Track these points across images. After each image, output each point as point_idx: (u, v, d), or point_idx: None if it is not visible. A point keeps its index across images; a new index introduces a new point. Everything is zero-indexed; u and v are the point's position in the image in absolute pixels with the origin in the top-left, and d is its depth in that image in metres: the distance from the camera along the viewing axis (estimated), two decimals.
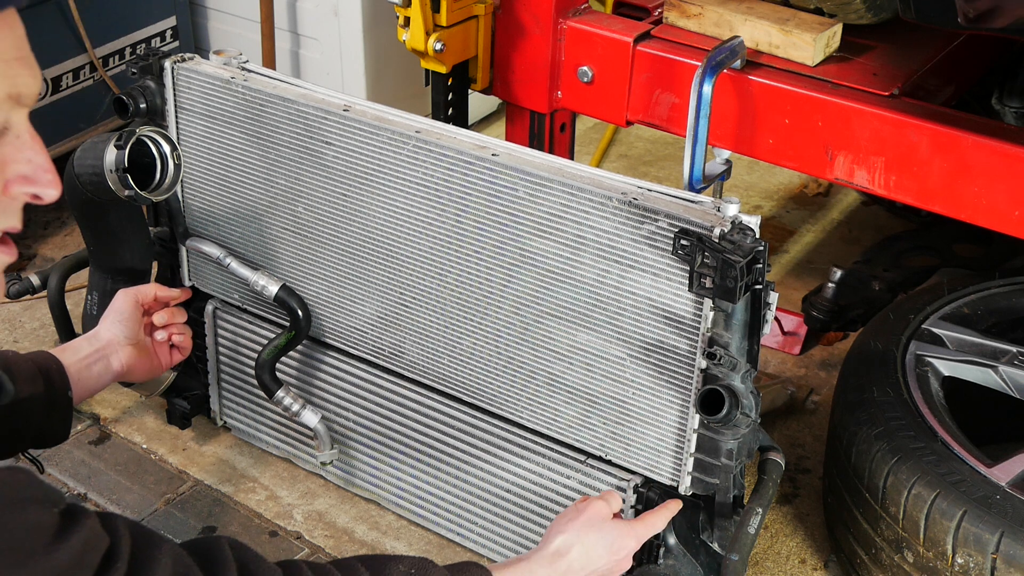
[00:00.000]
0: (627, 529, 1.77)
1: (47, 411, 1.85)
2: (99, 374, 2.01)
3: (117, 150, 1.95)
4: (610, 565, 1.74)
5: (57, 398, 1.88)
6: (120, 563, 1.26)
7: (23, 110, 1.16)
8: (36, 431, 1.85)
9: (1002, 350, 2.13)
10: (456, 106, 2.50)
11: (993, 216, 2.00)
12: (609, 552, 1.73)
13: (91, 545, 1.24)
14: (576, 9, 2.37)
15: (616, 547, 1.74)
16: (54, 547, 1.20)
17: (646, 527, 1.80)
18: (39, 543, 1.20)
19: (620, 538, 1.75)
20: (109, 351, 2.03)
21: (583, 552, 1.71)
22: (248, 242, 2.21)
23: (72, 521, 1.24)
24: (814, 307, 2.58)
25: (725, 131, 2.23)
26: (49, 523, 1.22)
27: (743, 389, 1.76)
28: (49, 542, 1.20)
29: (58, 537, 1.21)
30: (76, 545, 1.22)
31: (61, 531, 1.22)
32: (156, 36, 3.24)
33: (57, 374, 1.89)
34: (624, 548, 1.75)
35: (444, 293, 1.99)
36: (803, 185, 3.42)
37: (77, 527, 1.23)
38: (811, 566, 2.20)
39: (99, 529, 1.26)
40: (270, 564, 1.43)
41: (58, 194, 1.20)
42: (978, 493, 1.85)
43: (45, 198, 1.20)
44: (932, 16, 1.88)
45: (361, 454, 2.26)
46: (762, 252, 1.68)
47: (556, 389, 1.94)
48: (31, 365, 1.85)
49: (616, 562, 1.74)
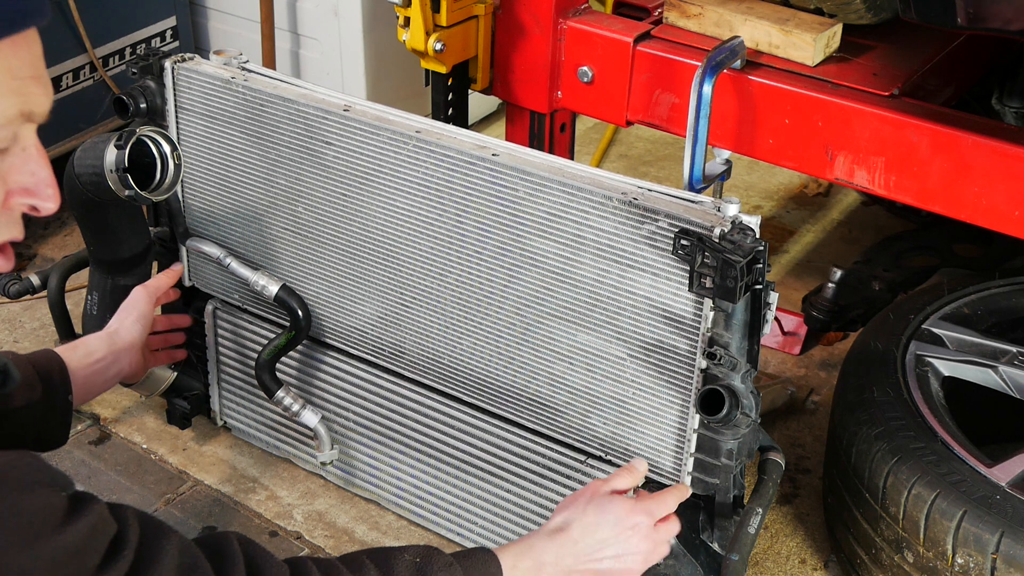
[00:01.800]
0: (633, 504, 1.70)
1: (45, 416, 1.84)
2: (108, 378, 2.01)
3: (117, 150, 1.95)
4: (626, 543, 1.67)
5: (56, 403, 1.86)
6: (127, 550, 1.27)
7: (32, 125, 1.18)
8: (35, 436, 1.84)
9: (1002, 350, 2.13)
10: (456, 106, 2.50)
11: (993, 216, 2.00)
12: (616, 528, 1.67)
13: (99, 530, 1.25)
14: (576, 9, 2.37)
15: (624, 523, 1.67)
16: (63, 529, 1.21)
17: (656, 503, 1.73)
18: (48, 525, 1.21)
19: (627, 514, 1.68)
20: (123, 354, 2.03)
21: (583, 528, 1.66)
22: (248, 242, 2.21)
23: (81, 505, 1.25)
24: (814, 307, 2.58)
25: (725, 131, 2.23)
26: (58, 505, 1.23)
27: (743, 389, 1.76)
28: (58, 524, 1.21)
29: (67, 520, 1.22)
30: (84, 529, 1.23)
31: (70, 514, 1.23)
32: (156, 36, 3.24)
33: (59, 377, 1.87)
34: (634, 523, 1.68)
35: (444, 293, 1.99)
36: (803, 185, 3.42)
37: (86, 511, 1.24)
38: (811, 566, 2.20)
39: (107, 515, 1.27)
40: (277, 560, 1.43)
41: (56, 207, 1.23)
42: (978, 493, 1.85)
43: (43, 211, 1.23)
44: (932, 16, 1.88)
45: (361, 454, 2.26)
46: (762, 252, 1.68)
47: (556, 389, 1.94)
48: (30, 370, 1.82)
49: (629, 540, 1.67)
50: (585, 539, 1.66)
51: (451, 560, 1.56)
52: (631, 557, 1.68)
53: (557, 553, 1.64)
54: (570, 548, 1.65)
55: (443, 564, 1.54)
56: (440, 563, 1.54)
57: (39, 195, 1.21)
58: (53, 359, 1.89)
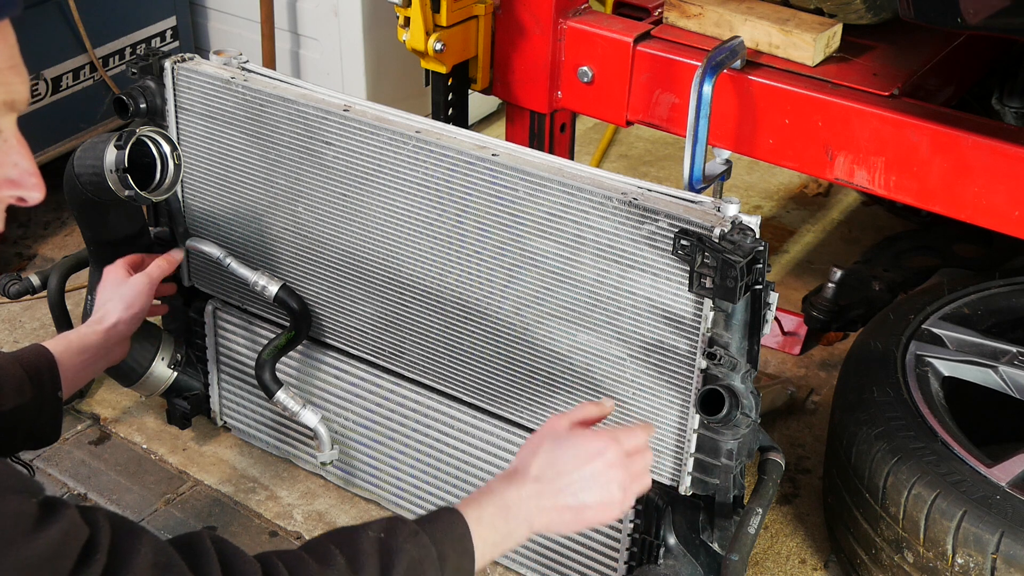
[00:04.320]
0: (593, 432, 1.58)
1: (35, 416, 1.82)
2: (98, 368, 2.01)
3: (117, 150, 1.95)
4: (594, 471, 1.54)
5: (46, 401, 1.84)
6: (100, 554, 1.25)
7: (13, 115, 1.19)
8: (26, 435, 1.83)
9: (1002, 350, 2.13)
10: (456, 106, 2.50)
11: (993, 216, 2.00)
12: (577, 458, 1.54)
13: (71, 535, 1.24)
14: (576, 9, 2.37)
15: (585, 450, 1.55)
16: (33, 536, 1.20)
17: (623, 431, 1.60)
18: (18, 531, 1.19)
19: (587, 441, 1.56)
20: (116, 347, 2.03)
21: (541, 464, 1.54)
22: (248, 242, 2.21)
23: (51, 511, 1.23)
24: (814, 307, 2.58)
25: (725, 131, 2.23)
26: (28, 512, 1.21)
27: (743, 389, 1.76)
28: (28, 531, 1.20)
29: (37, 526, 1.21)
30: (55, 535, 1.21)
31: (40, 520, 1.22)
32: (156, 36, 3.24)
33: (48, 375, 1.85)
34: (596, 450, 1.55)
35: (444, 293, 1.99)
36: (803, 185, 3.42)
37: (57, 517, 1.23)
38: (811, 566, 2.20)
39: (79, 520, 1.26)
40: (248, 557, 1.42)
41: (42, 197, 1.23)
42: (978, 493, 1.84)
43: (30, 200, 1.23)
44: (932, 16, 1.88)
45: (361, 454, 2.26)
46: (762, 252, 1.68)
47: (556, 389, 1.94)
48: (19, 372, 1.80)
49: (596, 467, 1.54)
50: (545, 473, 1.54)
51: (416, 528, 1.47)
52: (606, 487, 1.55)
53: (518, 493, 1.53)
54: (532, 487, 1.53)
55: (409, 533, 1.45)
56: (405, 533, 1.45)
57: (24, 185, 1.21)
58: (43, 356, 1.87)
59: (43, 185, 1.22)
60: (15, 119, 1.20)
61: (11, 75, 1.16)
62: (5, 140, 1.19)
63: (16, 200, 1.23)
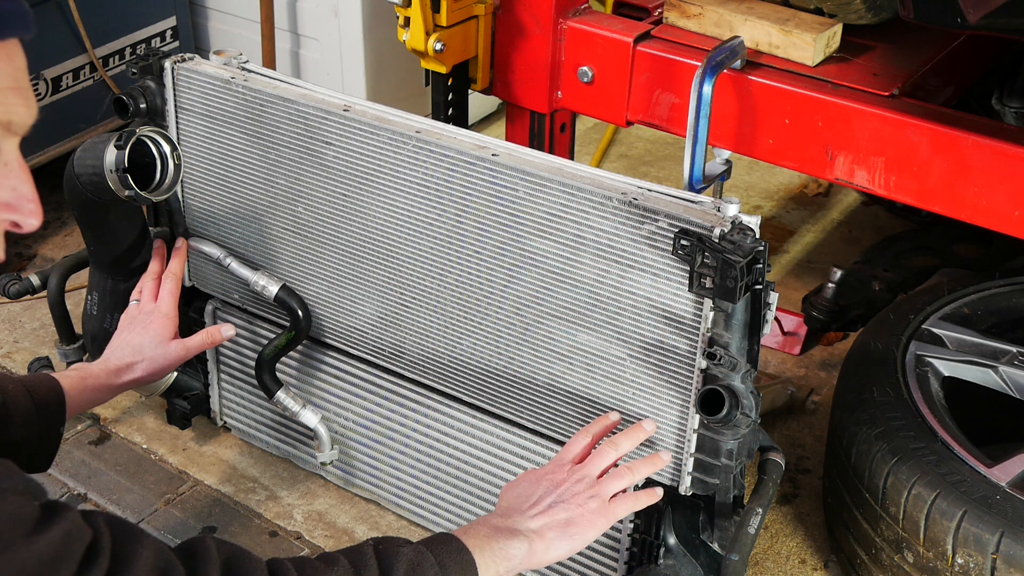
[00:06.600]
0: (555, 458, 1.76)
1: (34, 448, 1.81)
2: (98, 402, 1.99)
3: (117, 150, 1.94)
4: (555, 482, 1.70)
5: (47, 436, 1.82)
6: (102, 558, 1.25)
7: (14, 139, 1.17)
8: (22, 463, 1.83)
9: (1002, 350, 2.13)
10: (456, 106, 2.50)
11: (993, 216, 2.00)
12: (532, 482, 1.71)
13: (73, 537, 1.24)
14: (576, 9, 2.37)
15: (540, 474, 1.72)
16: (34, 537, 1.20)
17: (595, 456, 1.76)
18: (19, 533, 1.19)
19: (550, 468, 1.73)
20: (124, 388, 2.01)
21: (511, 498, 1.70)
22: (248, 242, 2.21)
23: (53, 513, 1.23)
24: (814, 307, 2.58)
25: (725, 131, 2.23)
26: (30, 514, 1.21)
27: (743, 389, 1.76)
28: (30, 532, 1.20)
29: (39, 528, 1.21)
30: (57, 537, 1.21)
31: (42, 522, 1.22)
32: (156, 36, 3.24)
33: (55, 410, 1.83)
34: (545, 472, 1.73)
35: (444, 293, 1.99)
36: (803, 185, 3.42)
37: (58, 519, 1.23)
38: (811, 566, 2.20)
39: (81, 523, 1.26)
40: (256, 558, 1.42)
41: (39, 224, 1.21)
42: (978, 493, 1.85)
43: (25, 227, 1.20)
44: (932, 16, 1.88)
45: (361, 454, 2.26)
46: (762, 252, 1.68)
47: (556, 389, 1.94)
48: (29, 404, 1.78)
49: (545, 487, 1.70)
50: (516, 504, 1.69)
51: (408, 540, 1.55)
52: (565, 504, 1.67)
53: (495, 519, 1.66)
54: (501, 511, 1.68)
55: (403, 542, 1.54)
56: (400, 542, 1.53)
57: (20, 211, 1.18)
58: (53, 391, 1.85)
59: (40, 212, 1.19)
60: (16, 143, 1.17)
61: (12, 96, 1.14)
62: (5, 163, 1.16)
63: (11, 225, 1.20)
